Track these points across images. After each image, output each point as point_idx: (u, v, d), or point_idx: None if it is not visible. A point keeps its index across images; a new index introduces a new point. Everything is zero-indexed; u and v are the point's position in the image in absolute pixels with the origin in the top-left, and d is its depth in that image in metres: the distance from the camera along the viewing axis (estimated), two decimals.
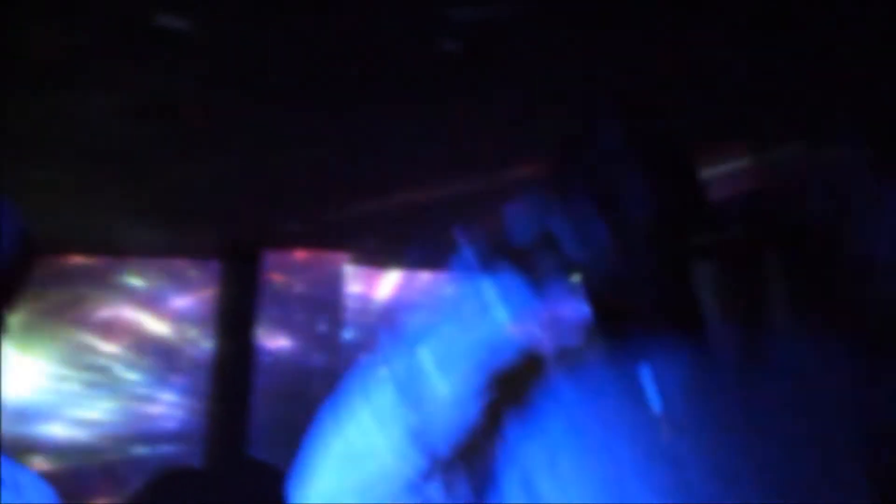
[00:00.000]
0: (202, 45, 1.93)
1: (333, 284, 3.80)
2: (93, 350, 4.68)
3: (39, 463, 3.89)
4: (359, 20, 1.88)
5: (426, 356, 1.07)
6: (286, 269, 3.83)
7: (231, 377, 2.89)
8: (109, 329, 4.67)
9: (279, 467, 2.90)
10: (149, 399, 4.83)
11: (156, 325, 4.70)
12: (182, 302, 4.56)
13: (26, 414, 3.96)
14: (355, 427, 1.10)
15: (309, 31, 1.92)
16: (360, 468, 1.09)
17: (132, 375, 4.79)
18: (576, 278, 1.12)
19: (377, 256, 3.79)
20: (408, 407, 1.06)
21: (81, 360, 4.63)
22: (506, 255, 1.09)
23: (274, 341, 4.15)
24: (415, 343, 1.08)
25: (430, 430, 1.07)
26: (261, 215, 3.02)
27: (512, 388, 1.13)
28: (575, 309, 1.15)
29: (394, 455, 1.06)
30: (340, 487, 1.10)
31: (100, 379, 4.71)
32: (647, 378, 1.10)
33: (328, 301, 3.80)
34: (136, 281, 4.46)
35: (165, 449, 4.72)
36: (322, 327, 3.82)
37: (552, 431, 1.13)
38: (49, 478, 1.51)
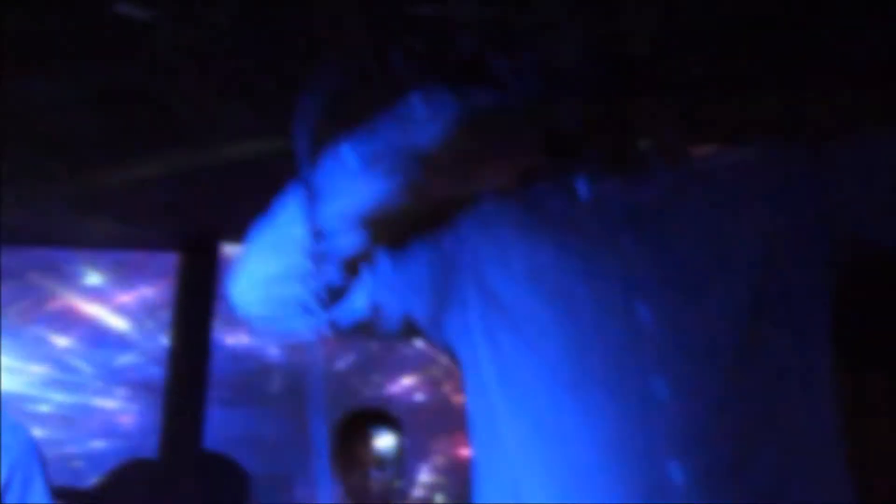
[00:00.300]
0: (161, 36, 1.93)
1: None
2: (47, 343, 4.63)
3: None
4: (319, 13, 1.89)
5: (349, 153, 1.13)
6: None
7: (188, 371, 2.88)
8: (64, 322, 4.63)
9: (235, 461, 2.90)
10: (104, 392, 4.80)
11: (111, 318, 4.66)
12: (138, 295, 4.52)
13: None
14: (283, 217, 1.15)
15: (269, 24, 1.92)
16: (285, 255, 1.13)
17: (87, 369, 4.75)
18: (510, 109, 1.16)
19: None
20: (330, 198, 1.12)
21: (36, 354, 4.58)
22: (440, 75, 1.14)
23: (231, 335, 4.14)
24: (342, 140, 1.13)
25: (350, 219, 1.12)
26: (218, 208, 3.00)
27: (456, 191, 1.18)
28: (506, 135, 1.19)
29: (317, 241, 1.11)
30: (267, 273, 1.15)
31: (54, 372, 4.66)
32: (585, 196, 1.15)
33: None
34: (91, 273, 4.42)
35: (121, 443, 4.69)
36: None
37: (502, 233, 1.18)
38: None
